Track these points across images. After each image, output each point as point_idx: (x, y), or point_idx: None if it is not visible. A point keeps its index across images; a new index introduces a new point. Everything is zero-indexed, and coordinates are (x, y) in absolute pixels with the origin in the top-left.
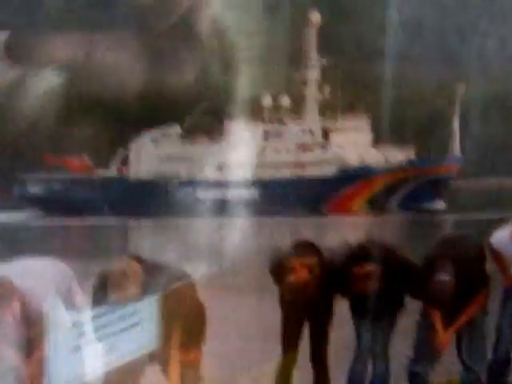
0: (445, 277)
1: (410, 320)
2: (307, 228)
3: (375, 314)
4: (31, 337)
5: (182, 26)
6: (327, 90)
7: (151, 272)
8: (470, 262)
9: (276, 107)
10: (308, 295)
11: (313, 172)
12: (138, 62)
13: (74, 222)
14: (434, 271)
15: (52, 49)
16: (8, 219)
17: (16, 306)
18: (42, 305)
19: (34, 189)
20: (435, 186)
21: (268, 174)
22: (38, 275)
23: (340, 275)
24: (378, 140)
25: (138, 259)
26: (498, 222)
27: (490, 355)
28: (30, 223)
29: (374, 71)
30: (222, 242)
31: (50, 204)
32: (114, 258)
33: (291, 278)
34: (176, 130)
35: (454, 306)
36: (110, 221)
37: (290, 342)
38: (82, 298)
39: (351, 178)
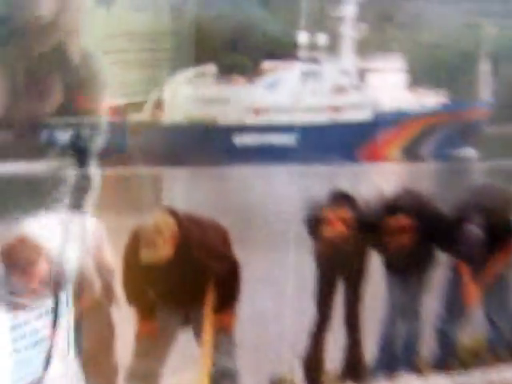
0: (475, 230)
1: (438, 275)
2: (342, 176)
3: (408, 270)
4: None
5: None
6: (363, 28)
7: (186, 226)
8: (499, 213)
9: (312, 45)
10: (343, 249)
11: (348, 116)
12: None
13: (105, 171)
14: (463, 224)
15: None
16: (35, 169)
17: (42, 267)
18: (71, 264)
19: (64, 135)
20: (466, 132)
21: (304, 118)
22: (66, 232)
23: (374, 228)
24: (412, 82)
25: (173, 212)
26: None
27: None
28: (58, 173)
29: (410, 9)
30: (256, 192)
31: (80, 151)
32: (147, 211)
33: (326, 231)
34: (211, 69)
35: (483, 259)
36: (144, 170)
37: (324, 300)
38: (113, 256)
39: (386, 123)
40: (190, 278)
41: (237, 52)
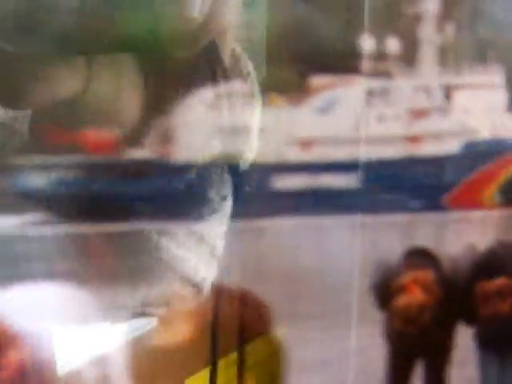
0: None
1: None
2: (422, 228)
3: (507, 346)
4: None
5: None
6: (449, 29)
7: (212, 300)
8: None
9: (380, 54)
10: (423, 323)
11: (429, 148)
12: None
13: (95, 227)
14: None
15: None
16: (2, 225)
17: (15, 356)
18: (51, 352)
19: (38, 181)
20: None
21: (370, 152)
22: (46, 309)
23: (464, 294)
24: None
25: (193, 282)
26: None
27: None
28: (33, 231)
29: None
30: (307, 252)
31: (60, 202)
32: (155, 280)
33: (402, 301)
34: (240, 87)
35: None
36: (147, 225)
37: None
38: (108, 340)
39: (481, 156)
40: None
41: (276, 63)
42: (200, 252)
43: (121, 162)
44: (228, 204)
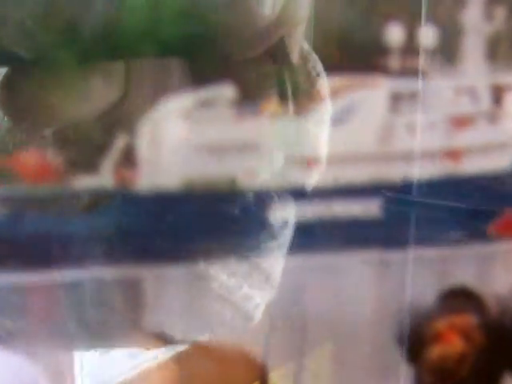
0: None
1: None
2: (462, 264)
3: None
4: None
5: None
6: (499, 15)
7: (189, 363)
8: None
9: (410, 48)
10: (462, 376)
11: (474, 165)
12: None
13: (41, 277)
14: None
15: None
16: None
17: None
18: None
19: None
20: None
21: (397, 172)
22: None
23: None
24: None
25: (167, 339)
26: None
27: None
28: None
29: None
30: (323, 294)
31: None
32: (122, 339)
33: (437, 352)
34: (227, 92)
35: None
36: (107, 272)
37: None
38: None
39: None
40: None
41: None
42: (254, 279)
43: (68, 192)
44: (288, 231)
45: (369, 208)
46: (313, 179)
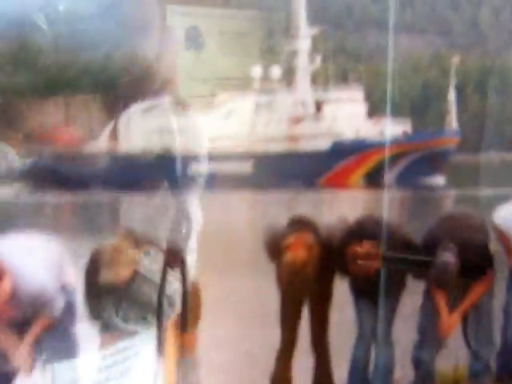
0: (448, 257)
1: (414, 303)
2: (302, 203)
3: (376, 295)
4: (22, 317)
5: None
6: (318, 60)
7: (144, 248)
8: (474, 241)
9: (267, 78)
10: (306, 274)
11: (306, 146)
12: None
13: (63, 197)
14: (436, 251)
15: None
16: None
17: (5, 286)
18: (33, 283)
19: (20, 161)
20: (433, 161)
21: (260, 148)
22: (29, 252)
23: (339, 254)
24: (373, 112)
25: (131, 234)
26: (501, 199)
27: (498, 340)
28: (17, 199)
29: (366, 41)
30: (214, 219)
31: (37, 179)
32: (105, 234)
33: (288, 257)
34: (167, 100)
35: (459, 288)
36: (101, 196)
37: (288, 325)
38: (74, 275)
39: (346, 152)
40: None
41: (194, 83)
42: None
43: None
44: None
45: (243, 167)
46: (206, 152)
